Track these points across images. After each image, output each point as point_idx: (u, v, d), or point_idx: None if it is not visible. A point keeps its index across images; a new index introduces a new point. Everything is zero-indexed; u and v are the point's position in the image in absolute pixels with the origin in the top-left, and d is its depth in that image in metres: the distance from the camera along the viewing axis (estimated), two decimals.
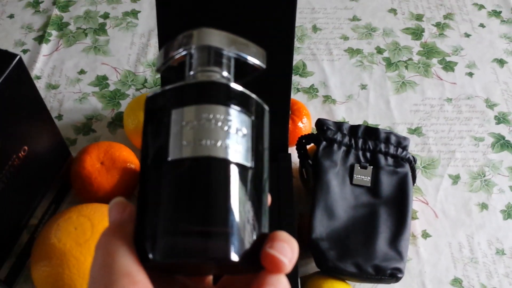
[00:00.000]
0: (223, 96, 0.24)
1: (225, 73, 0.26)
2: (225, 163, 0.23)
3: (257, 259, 0.24)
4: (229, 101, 0.24)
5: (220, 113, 0.23)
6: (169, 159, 0.23)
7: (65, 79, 0.76)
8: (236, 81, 0.26)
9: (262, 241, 0.24)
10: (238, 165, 0.23)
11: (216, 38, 0.25)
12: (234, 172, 0.23)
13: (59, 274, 0.50)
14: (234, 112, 0.24)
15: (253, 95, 0.25)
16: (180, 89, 0.24)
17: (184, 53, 0.26)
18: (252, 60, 0.26)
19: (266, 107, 0.26)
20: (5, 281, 0.55)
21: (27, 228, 0.57)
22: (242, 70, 0.27)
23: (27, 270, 0.58)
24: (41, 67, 0.77)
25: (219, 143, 0.23)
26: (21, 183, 0.53)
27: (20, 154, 0.52)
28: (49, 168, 0.59)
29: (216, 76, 0.25)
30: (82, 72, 0.77)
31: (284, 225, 0.56)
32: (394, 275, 0.54)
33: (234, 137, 0.23)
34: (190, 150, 0.23)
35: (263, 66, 0.27)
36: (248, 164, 0.24)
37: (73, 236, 0.51)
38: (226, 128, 0.23)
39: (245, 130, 0.24)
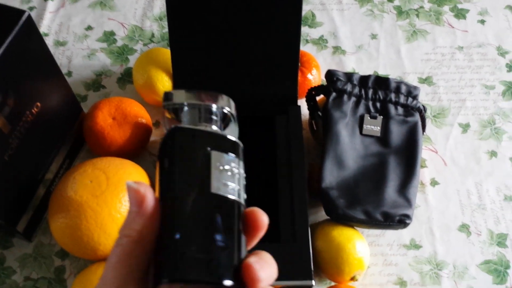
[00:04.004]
0: (237, 149, 0.30)
1: (215, 123, 0.32)
2: (238, 203, 0.29)
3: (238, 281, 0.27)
4: (239, 152, 0.31)
5: (236, 163, 0.30)
6: (212, 191, 0.28)
7: (72, 35, 0.76)
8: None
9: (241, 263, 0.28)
10: (241, 204, 0.29)
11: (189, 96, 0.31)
12: (240, 209, 0.29)
13: (76, 225, 0.51)
14: (240, 161, 0.31)
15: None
16: (218, 138, 0.30)
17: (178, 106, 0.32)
18: (228, 109, 0.32)
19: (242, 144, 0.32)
20: (24, 233, 0.57)
21: (43, 182, 0.58)
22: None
23: (45, 223, 0.60)
24: (48, 24, 0.77)
25: (236, 187, 0.29)
26: (36, 138, 0.54)
27: (33, 110, 0.52)
28: (62, 123, 0.60)
29: (214, 128, 0.31)
30: (89, 28, 0.76)
31: (294, 176, 0.57)
32: (402, 221, 0.55)
33: (241, 181, 0.30)
34: (222, 190, 0.29)
35: (234, 114, 0.32)
36: (243, 201, 0.29)
37: (89, 189, 0.52)
38: (237, 174, 0.30)
39: (242, 173, 0.30)
